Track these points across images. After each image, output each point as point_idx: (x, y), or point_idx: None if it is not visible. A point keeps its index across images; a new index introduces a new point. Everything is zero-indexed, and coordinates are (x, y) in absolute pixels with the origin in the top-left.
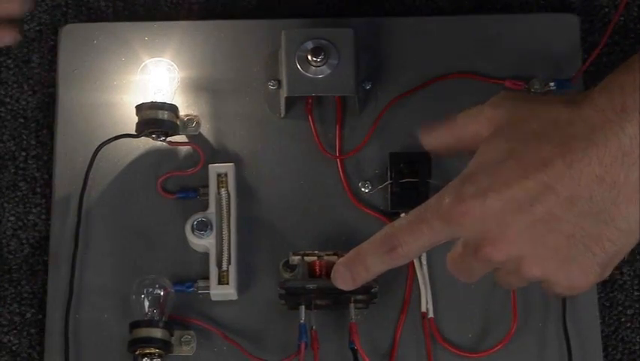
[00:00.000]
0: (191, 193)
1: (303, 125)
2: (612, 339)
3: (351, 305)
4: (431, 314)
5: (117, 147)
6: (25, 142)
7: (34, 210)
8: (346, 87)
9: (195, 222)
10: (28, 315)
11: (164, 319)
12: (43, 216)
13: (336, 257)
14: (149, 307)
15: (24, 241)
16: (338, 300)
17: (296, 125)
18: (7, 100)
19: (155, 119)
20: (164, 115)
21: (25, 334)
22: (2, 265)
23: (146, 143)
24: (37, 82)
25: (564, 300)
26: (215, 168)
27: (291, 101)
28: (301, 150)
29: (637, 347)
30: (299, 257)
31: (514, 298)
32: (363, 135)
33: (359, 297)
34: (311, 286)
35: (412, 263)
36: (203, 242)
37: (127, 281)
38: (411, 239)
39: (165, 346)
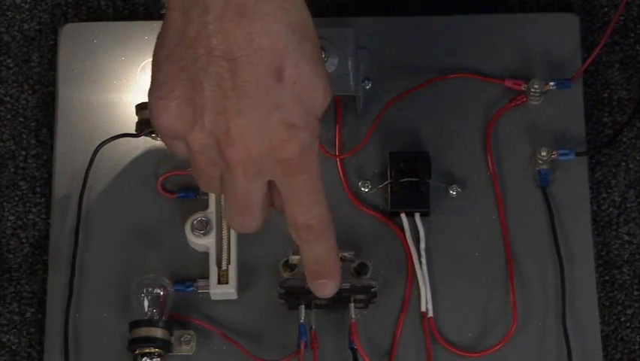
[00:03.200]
0: (191, 193)
1: None
2: (612, 339)
3: (351, 305)
4: (431, 314)
5: (117, 146)
6: (24, 141)
7: (33, 210)
8: (346, 87)
9: (195, 222)
10: (28, 314)
11: (163, 318)
12: (43, 216)
13: None
14: (148, 306)
15: (24, 241)
16: (338, 300)
17: None
18: (7, 99)
19: None
20: None
21: (25, 333)
22: (2, 264)
23: (146, 142)
24: (36, 81)
25: (564, 300)
26: None
27: None
28: None
29: (637, 347)
30: (299, 257)
31: (513, 298)
32: (363, 135)
33: (359, 297)
34: None
35: (412, 263)
36: (203, 242)
37: (127, 281)
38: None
39: (165, 345)
